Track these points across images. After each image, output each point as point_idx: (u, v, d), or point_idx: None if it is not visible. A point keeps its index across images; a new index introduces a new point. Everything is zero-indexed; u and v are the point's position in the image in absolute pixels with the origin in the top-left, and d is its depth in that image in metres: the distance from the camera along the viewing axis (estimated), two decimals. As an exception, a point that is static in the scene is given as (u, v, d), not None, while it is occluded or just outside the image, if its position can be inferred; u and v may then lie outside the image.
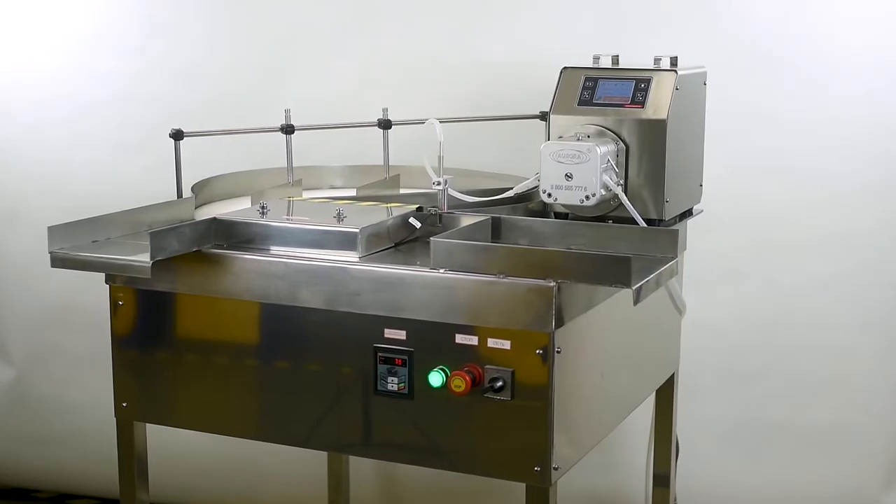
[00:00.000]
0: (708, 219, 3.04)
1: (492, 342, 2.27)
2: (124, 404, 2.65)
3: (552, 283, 2.21)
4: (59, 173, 4.00)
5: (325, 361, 2.43)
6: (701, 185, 2.95)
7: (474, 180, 3.11)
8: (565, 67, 2.80)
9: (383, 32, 3.68)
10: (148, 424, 2.67)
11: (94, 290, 3.71)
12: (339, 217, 2.51)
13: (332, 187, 3.31)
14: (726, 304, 3.49)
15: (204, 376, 2.56)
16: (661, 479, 3.16)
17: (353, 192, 2.97)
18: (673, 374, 3.08)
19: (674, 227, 2.58)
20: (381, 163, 3.18)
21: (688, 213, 2.91)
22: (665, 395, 3.09)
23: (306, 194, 2.96)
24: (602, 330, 2.49)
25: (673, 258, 2.44)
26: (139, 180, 3.83)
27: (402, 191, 3.06)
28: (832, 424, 3.48)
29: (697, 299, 3.26)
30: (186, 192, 2.87)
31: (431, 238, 2.34)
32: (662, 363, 3.01)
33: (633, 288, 2.17)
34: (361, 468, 3.70)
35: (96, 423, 4.03)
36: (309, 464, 3.66)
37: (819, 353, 3.46)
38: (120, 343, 2.63)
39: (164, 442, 3.09)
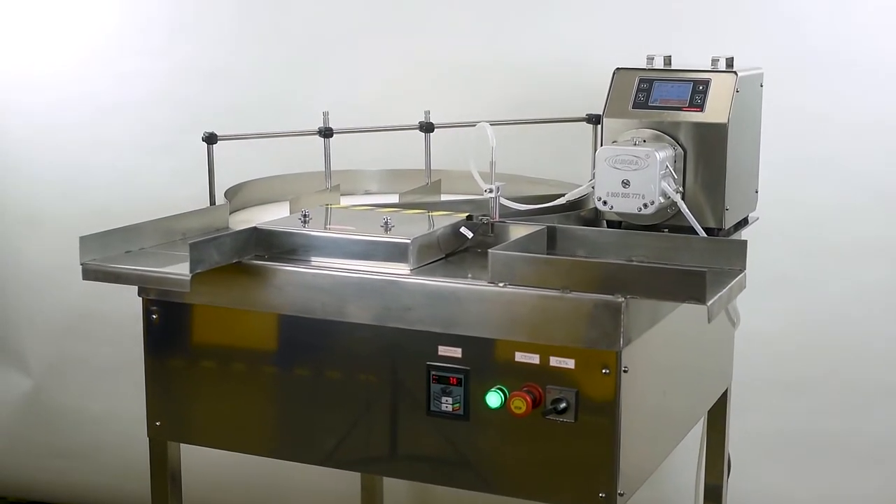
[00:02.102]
0: (754, 223, 2.91)
1: (554, 361, 2.14)
2: (157, 423, 2.52)
3: (621, 299, 2.08)
4: (80, 177, 3.89)
5: (373, 380, 2.30)
6: (756, 192, 2.83)
7: (518, 186, 2.97)
8: (618, 68, 2.67)
9: (417, 31, 3.56)
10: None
11: (115, 299, 3.62)
12: (387, 226, 2.38)
13: (367, 192, 3.18)
14: (773, 312, 3.35)
15: (243, 395, 2.44)
16: (713, 496, 3.03)
17: (388, 197, 2.85)
18: (726, 389, 2.96)
19: (741, 238, 2.46)
20: (415, 166, 3.06)
21: (743, 222, 2.78)
22: (717, 410, 2.96)
23: (342, 200, 2.83)
24: (664, 346, 2.37)
25: (741, 270, 2.32)
26: (164, 184, 3.73)
27: (443, 197, 2.93)
28: (885, 436, 3.35)
29: (743, 307, 3.13)
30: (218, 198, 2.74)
31: (490, 250, 2.21)
32: (718, 377, 2.89)
33: (708, 304, 2.04)
34: (395, 486, 3.58)
35: (117, 435, 3.96)
36: (341, 481, 3.53)
37: (871, 363, 3.34)
38: (153, 359, 2.50)
39: (191, 455, 2.96)
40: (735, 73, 2.58)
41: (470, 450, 2.24)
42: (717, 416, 2.99)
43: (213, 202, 2.74)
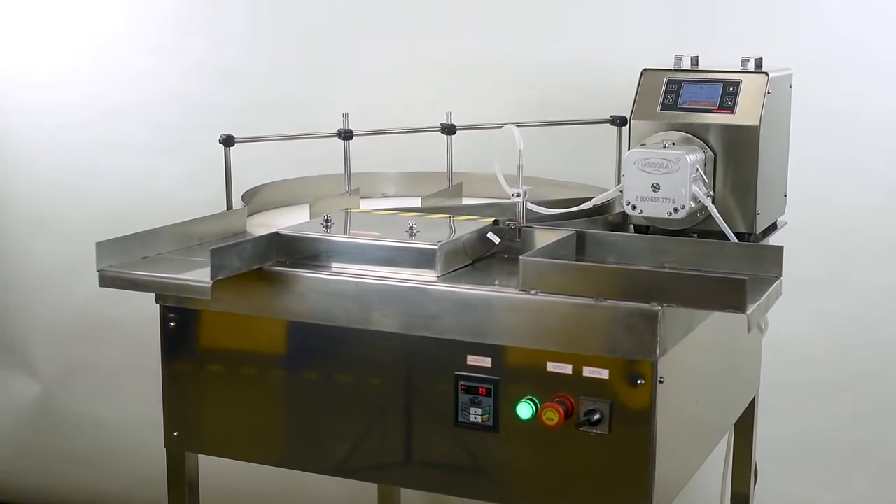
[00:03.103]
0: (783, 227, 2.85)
1: (588, 371, 2.08)
2: (175, 433, 2.46)
3: (657, 307, 2.02)
4: (88, 179, 3.81)
5: (399, 390, 2.24)
6: (785, 195, 2.77)
7: (541, 189, 2.90)
8: (646, 69, 2.61)
9: (432, 32, 3.48)
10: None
11: (124, 303, 3.55)
12: (412, 232, 2.32)
13: (385, 195, 3.12)
14: (797, 316, 3.28)
15: (264, 405, 2.38)
16: (739, 504, 2.98)
17: (408, 200, 2.79)
18: (754, 396, 2.90)
19: (772, 243, 2.40)
20: (430, 168, 3.02)
21: (772, 226, 2.72)
22: (743, 417, 2.90)
23: (362, 203, 2.77)
24: (696, 355, 2.30)
25: (777, 277, 2.26)
26: (175, 186, 3.66)
27: (465, 200, 2.87)
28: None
29: (769, 312, 3.07)
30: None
31: (521, 257, 2.15)
32: (746, 385, 2.83)
33: (748, 313, 1.98)
34: (411, 497, 3.51)
35: (126, 441, 3.91)
36: (355, 491, 3.47)
37: (897, 367, 3.28)
38: (171, 368, 2.44)
39: (207, 464, 2.90)
40: (766, 73, 2.52)
41: (499, 462, 2.18)
42: (744, 424, 2.92)
43: (230, 206, 2.68)
